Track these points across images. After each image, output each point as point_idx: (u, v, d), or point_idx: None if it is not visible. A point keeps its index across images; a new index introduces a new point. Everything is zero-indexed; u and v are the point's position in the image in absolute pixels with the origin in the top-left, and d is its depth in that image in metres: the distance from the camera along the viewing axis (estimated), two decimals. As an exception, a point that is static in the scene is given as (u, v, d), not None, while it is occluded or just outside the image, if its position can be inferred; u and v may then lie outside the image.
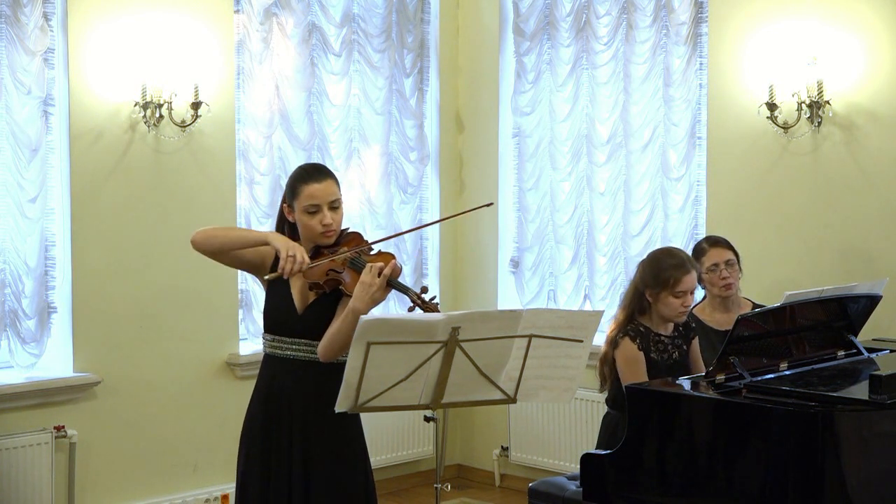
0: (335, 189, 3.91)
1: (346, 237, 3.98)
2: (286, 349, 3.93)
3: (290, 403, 3.90)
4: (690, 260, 4.66)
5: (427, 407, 3.58)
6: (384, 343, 3.37)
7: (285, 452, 3.92)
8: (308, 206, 3.88)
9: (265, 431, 3.95)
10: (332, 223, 3.89)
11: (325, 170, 3.98)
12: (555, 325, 3.56)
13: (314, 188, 3.88)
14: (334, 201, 3.90)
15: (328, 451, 3.91)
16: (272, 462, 3.94)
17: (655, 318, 4.59)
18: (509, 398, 3.63)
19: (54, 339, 5.67)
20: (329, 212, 3.88)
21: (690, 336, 4.69)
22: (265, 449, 3.95)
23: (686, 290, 4.54)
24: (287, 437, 3.92)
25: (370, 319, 3.37)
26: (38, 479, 5.48)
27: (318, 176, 3.91)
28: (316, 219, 3.88)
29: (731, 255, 5.10)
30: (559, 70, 6.68)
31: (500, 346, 3.51)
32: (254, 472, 3.97)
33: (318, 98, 6.47)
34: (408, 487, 6.78)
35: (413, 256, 6.90)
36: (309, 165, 4.08)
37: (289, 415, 3.92)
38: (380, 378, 3.43)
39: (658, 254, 4.71)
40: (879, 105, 5.52)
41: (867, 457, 3.86)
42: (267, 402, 3.96)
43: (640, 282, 4.60)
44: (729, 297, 5.10)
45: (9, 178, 5.49)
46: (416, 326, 3.41)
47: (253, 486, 3.97)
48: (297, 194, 3.91)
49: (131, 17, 5.75)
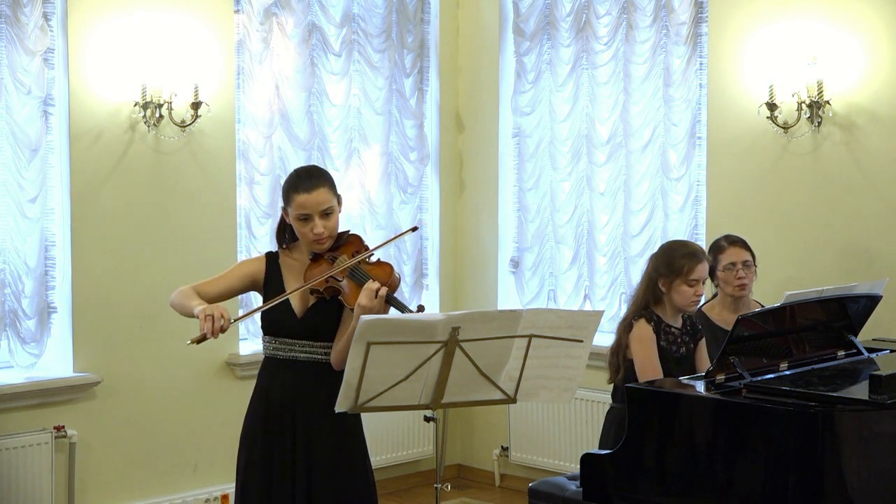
0: (326, 196, 3.86)
1: (346, 240, 3.96)
2: (288, 351, 3.93)
3: (293, 405, 3.90)
4: (702, 250, 4.71)
5: (427, 407, 3.58)
6: (384, 343, 3.37)
7: (288, 454, 3.92)
8: (299, 214, 3.87)
9: (267, 433, 3.95)
10: (323, 231, 3.86)
11: (317, 176, 3.91)
12: (555, 325, 3.55)
13: (303, 198, 3.85)
14: (326, 209, 3.86)
15: (331, 454, 3.91)
16: (274, 465, 3.93)
17: (668, 309, 4.62)
18: (509, 398, 3.63)
19: (54, 339, 5.67)
20: (320, 220, 3.85)
21: (698, 337, 4.71)
22: (267, 451, 3.95)
23: (699, 279, 4.58)
24: (290, 439, 3.92)
25: (370, 319, 3.37)
26: (38, 479, 5.48)
27: (307, 185, 3.86)
28: (307, 227, 3.87)
29: (748, 256, 5.11)
30: (559, 70, 6.68)
31: (500, 346, 3.51)
32: (255, 475, 3.97)
33: (318, 98, 6.47)
34: (408, 487, 6.78)
35: (413, 256, 6.90)
36: (302, 171, 3.99)
37: (291, 417, 3.92)
38: (380, 378, 3.43)
39: (671, 244, 4.78)
40: (879, 105, 5.52)
41: (867, 457, 3.86)
42: (268, 404, 3.96)
43: (653, 271, 4.64)
44: (741, 297, 5.10)
45: (9, 178, 5.49)
46: (416, 326, 3.41)
47: (254, 489, 3.96)
48: (289, 202, 3.90)
49: (131, 17, 5.75)
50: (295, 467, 3.91)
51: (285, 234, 4.01)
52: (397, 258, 6.79)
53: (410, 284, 6.84)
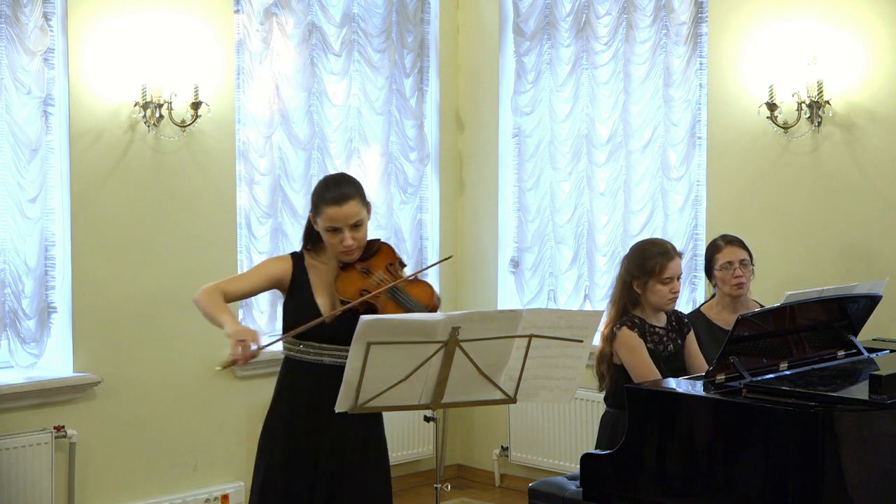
0: (357, 210, 3.89)
1: (377, 250, 3.97)
2: (315, 354, 3.92)
3: (322, 409, 3.84)
4: (673, 247, 4.67)
5: (427, 407, 3.58)
6: (384, 343, 3.37)
7: (310, 459, 3.92)
8: (328, 226, 3.89)
9: (291, 437, 3.95)
10: (352, 244, 3.89)
11: (349, 188, 3.92)
12: (555, 325, 3.56)
13: (334, 212, 3.87)
14: (356, 221, 3.89)
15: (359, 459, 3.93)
16: (295, 468, 3.93)
17: (647, 310, 4.60)
18: (509, 398, 3.63)
19: (54, 339, 5.67)
20: (350, 232, 3.88)
21: (684, 331, 4.68)
22: (289, 454, 3.94)
23: (672, 276, 4.55)
24: (314, 443, 3.92)
25: (370, 319, 3.37)
26: (38, 479, 5.48)
27: (339, 198, 3.88)
28: (336, 238, 3.89)
29: (745, 255, 5.11)
30: (559, 70, 6.68)
31: (500, 346, 3.52)
32: (277, 477, 3.96)
33: (318, 98, 6.47)
34: (408, 487, 6.77)
35: (413, 256, 6.90)
36: (332, 181, 3.99)
37: (317, 421, 3.91)
38: (380, 378, 3.43)
39: (641, 244, 4.73)
40: (879, 105, 5.53)
41: (867, 457, 3.86)
42: (295, 408, 3.95)
43: (626, 274, 4.61)
44: (739, 296, 5.09)
45: (9, 178, 5.49)
46: (416, 326, 3.41)
47: (275, 493, 3.96)
48: (319, 211, 3.91)
49: (131, 17, 5.75)
50: (316, 472, 3.91)
51: (312, 238, 4.01)
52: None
53: (410, 285, 6.84)
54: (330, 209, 3.87)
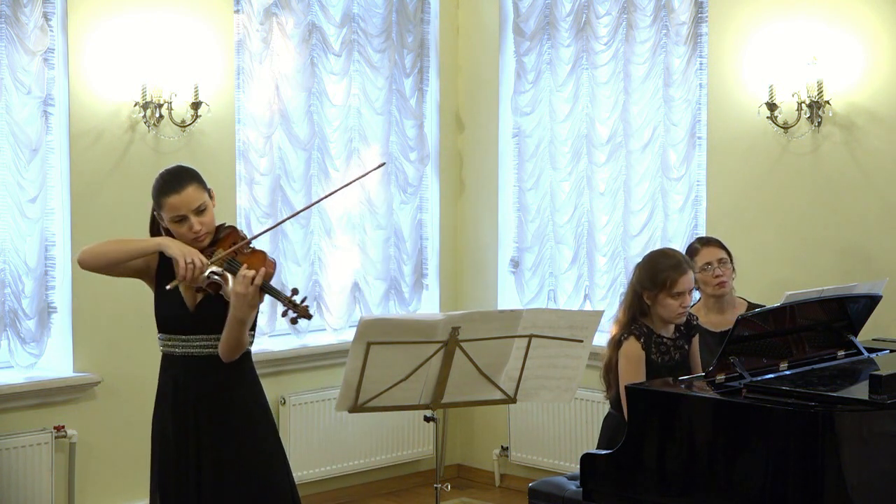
0: (198, 194, 3.87)
1: (223, 233, 3.96)
2: (183, 347, 3.94)
3: (196, 403, 3.91)
4: (687, 260, 4.66)
5: (427, 407, 3.58)
6: (384, 343, 3.37)
7: (192, 451, 3.92)
8: (173, 217, 3.88)
9: (177, 433, 3.96)
10: (201, 228, 3.87)
11: (185, 175, 3.92)
12: (555, 325, 3.56)
13: (174, 200, 3.86)
14: (199, 206, 3.87)
15: (237, 446, 3.89)
16: (181, 463, 3.95)
17: (656, 320, 4.59)
18: (509, 398, 3.64)
19: (54, 339, 5.67)
20: (196, 218, 3.86)
21: (692, 334, 4.68)
22: (176, 448, 3.97)
23: (683, 291, 4.53)
24: (194, 436, 3.92)
25: (370, 319, 3.37)
26: (38, 479, 5.48)
27: (176, 186, 3.87)
28: (184, 227, 3.88)
29: (723, 254, 5.11)
30: (559, 70, 6.68)
31: (500, 346, 3.52)
32: (170, 473, 3.99)
33: (318, 98, 6.47)
34: (408, 487, 6.77)
35: (413, 256, 6.90)
36: (167, 173, 3.98)
37: (194, 414, 3.92)
38: (380, 378, 3.43)
39: (653, 255, 4.70)
40: (879, 105, 5.52)
41: (867, 457, 3.86)
42: (174, 404, 3.97)
43: (637, 284, 4.60)
44: (723, 296, 5.10)
45: (9, 178, 5.49)
46: (416, 326, 3.41)
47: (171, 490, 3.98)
48: (161, 205, 3.91)
49: (131, 17, 5.75)
50: (201, 464, 3.91)
51: (159, 233, 4.01)
52: (397, 258, 6.79)
53: (410, 285, 6.83)
54: (170, 198, 3.86)
